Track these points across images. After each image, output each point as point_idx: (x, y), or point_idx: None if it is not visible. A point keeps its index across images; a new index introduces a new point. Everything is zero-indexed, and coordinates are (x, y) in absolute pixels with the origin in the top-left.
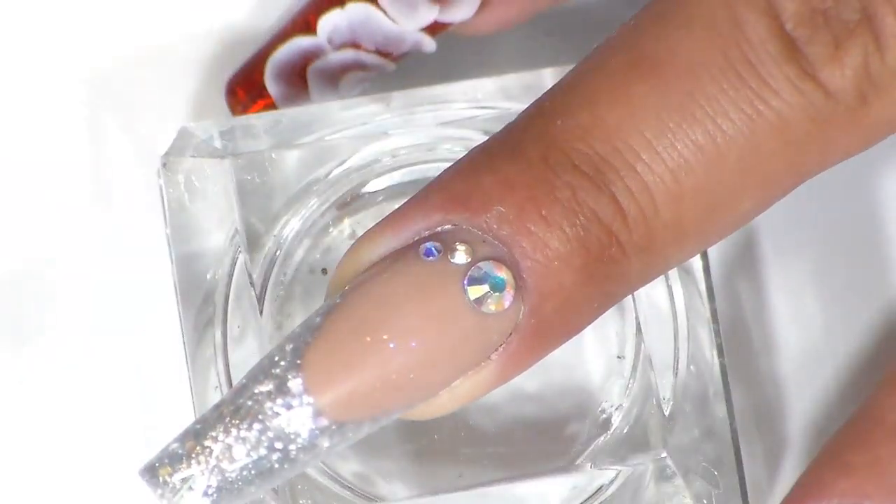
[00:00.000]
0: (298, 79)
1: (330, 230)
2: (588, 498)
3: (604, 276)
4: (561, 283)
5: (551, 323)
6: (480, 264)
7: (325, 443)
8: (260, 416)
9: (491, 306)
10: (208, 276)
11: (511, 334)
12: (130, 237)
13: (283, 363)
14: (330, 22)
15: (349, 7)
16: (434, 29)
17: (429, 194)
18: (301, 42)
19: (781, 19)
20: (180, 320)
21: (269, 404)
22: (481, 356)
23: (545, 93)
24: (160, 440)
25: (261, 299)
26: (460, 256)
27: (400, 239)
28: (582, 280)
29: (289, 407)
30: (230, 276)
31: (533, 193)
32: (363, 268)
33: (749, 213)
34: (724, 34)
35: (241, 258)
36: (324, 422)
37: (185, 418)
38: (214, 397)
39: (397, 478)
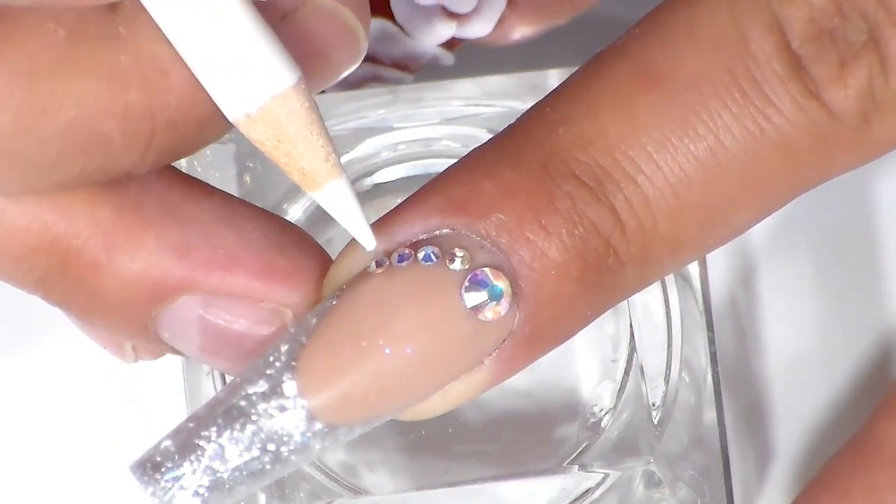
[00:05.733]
0: None
1: (330, 221)
2: (575, 500)
3: (599, 286)
4: (557, 292)
5: (546, 330)
6: (478, 272)
7: (317, 445)
8: (253, 418)
9: (488, 314)
10: None
11: (505, 340)
12: None
13: (277, 364)
14: None
15: None
16: (451, 44)
17: (427, 197)
18: None
19: (788, 37)
20: None
21: (262, 406)
22: (475, 361)
23: (546, 97)
24: (152, 427)
25: None
26: (458, 263)
27: (396, 241)
28: (578, 290)
29: (282, 409)
30: None
31: (533, 202)
32: (358, 269)
33: (746, 225)
34: (729, 50)
35: None
36: (317, 425)
37: (178, 403)
38: (206, 383)
39: (383, 470)
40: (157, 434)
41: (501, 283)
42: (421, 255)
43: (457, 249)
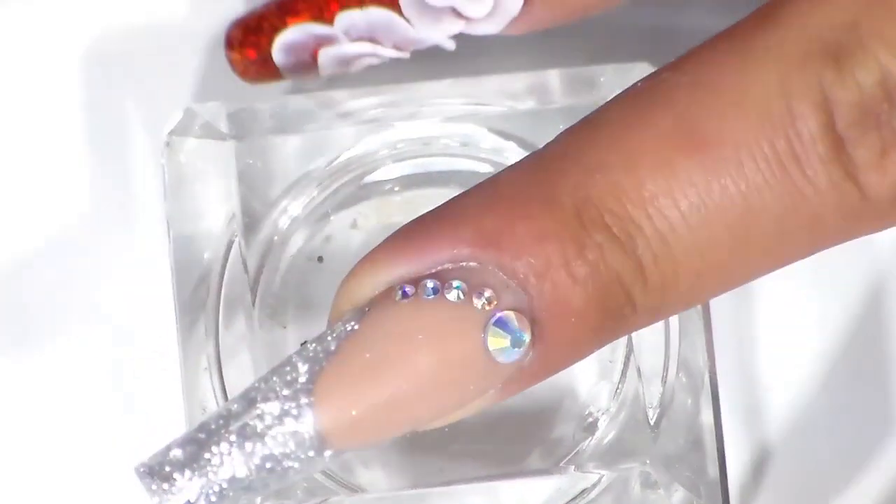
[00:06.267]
0: (308, 56)
1: (329, 219)
2: (571, 500)
3: (612, 329)
4: (573, 336)
5: (553, 366)
6: (504, 316)
7: (323, 465)
8: (266, 440)
9: (507, 358)
10: (205, 258)
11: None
12: (130, 216)
13: (296, 386)
14: (349, 18)
15: (370, 10)
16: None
17: (458, 224)
18: (315, 28)
19: (834, 117)
20: (174, 300)
21: (276, 429)
22: (483, 393)
23: (582, 131)
24: (149, 421)
25: (255, 284)
26: (485, 303)
27: (422, 265)
28: (592, 334)
29: (295, 434)
30: (226, 259)
31: (564, 248)
32: (379, 287)
33: (756, 278)
34: (775, 123)
35: (238, 242)
36: (327, 450)
37: (175, 400)
38: (204, 379)
39: (379, 468)
40: (153, 427)
41: (526, 333)
42: (449, 294)
43: (485, 289)
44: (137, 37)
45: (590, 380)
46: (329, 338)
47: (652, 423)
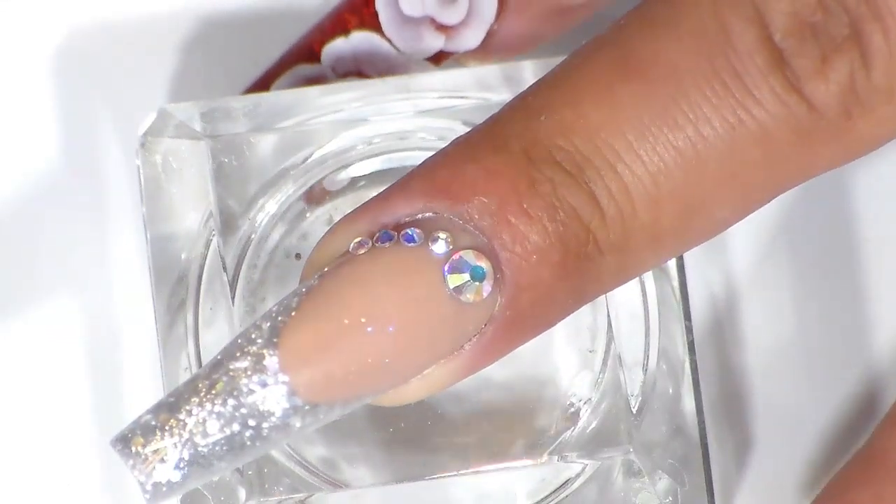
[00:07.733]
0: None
1: (306, 215)
2: (555, 490)
3: (579, 273)
4: (538, 276)
5: (526, 316)
6: (461, 253)
7: (298, 423)
8: (235, 392)
9: (469, 296)
10: (182, 258)
11: (486, 325)
12: (106, 217)
13: (259, 341)
14: (334, 51)
15: (354, 36)
16: (439, 58)
17: (410, 181)
18: (304, 70)
19: (770, 30)
20: (153, 301)
21: (244, 381)
22: (456, 345)
23: (529, 87)
24: (129, 418)
25: (233, 282)
26: (441, 244)
27: (379, 224)
28: (558, 275)
29: (264, 385)
30: (204, 258)
31: (515, 185)
32: (340, 251)
33: (726, 221)
34: (711, 41)
35: (215, 241)
36: (297, 401)
37: (154, 399)
38: (184, 379)
39: (363, 464)
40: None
41: (483, 264)
42: (403, 235)
43: (439, 231)
44: (108, 37)
45: (571, 370)
46: (291, 296)
47: (634, 411)
